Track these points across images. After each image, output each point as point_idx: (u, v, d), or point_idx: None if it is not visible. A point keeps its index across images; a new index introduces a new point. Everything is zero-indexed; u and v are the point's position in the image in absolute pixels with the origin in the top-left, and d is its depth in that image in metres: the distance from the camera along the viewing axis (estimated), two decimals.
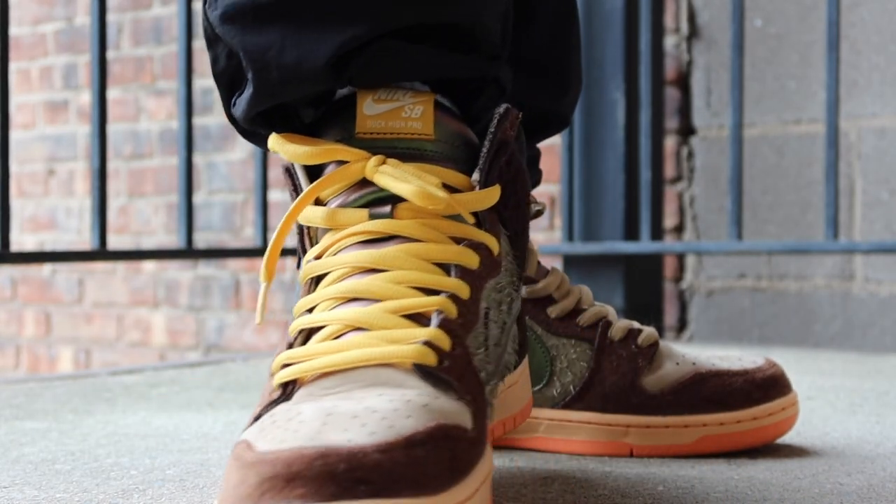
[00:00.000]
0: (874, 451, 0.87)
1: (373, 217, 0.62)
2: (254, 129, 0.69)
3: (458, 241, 0.63)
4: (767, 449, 0.87)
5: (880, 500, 0.69)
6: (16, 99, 3.22)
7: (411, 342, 0.57)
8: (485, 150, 0.65)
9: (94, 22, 1.52)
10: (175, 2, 2.80)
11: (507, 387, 0.71)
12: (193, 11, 1.69)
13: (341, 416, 0.51)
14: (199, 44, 2.83)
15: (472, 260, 0.62)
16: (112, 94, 2.96)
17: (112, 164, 2.99)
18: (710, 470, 0.80)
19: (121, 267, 3.06)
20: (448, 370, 0.57)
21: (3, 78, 1.37)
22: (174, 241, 2.83)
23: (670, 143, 2.15)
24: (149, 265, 3.01)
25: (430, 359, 0.56)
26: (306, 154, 0.63)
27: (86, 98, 3.09)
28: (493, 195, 0.64)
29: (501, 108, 0.66)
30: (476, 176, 0.64)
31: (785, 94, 2.03)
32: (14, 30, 3.23)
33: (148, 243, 3.00)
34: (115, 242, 2.98)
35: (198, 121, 2.78)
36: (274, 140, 0.64)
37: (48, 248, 3.18)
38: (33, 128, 3.24)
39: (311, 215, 0.64)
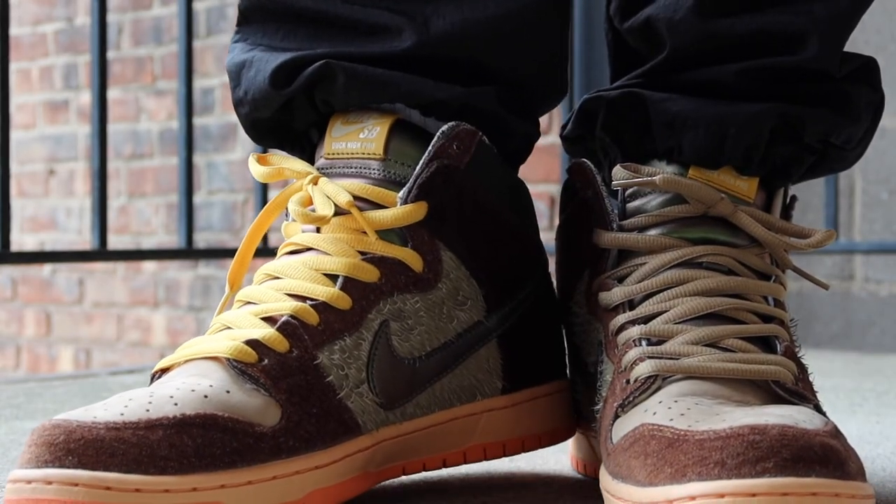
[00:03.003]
0: (874, 451, 0.87)
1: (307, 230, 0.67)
2: (266, 147, 0.73)
3: (364, 255, 0.65)
4: None
5: (880, 500, 0.69)
6: (16, 99, 3.22)
7: (239, 340, 0.60)
8: (418, 168, 0.66)
9: (94, 22, 1.52)
10: (175, 2, 2.80)
11: (484, 411, 0.69)
12: (193, 11, 1.69)
13: (124, 399, 0.56)
14: (199, 44, 2.84)
15: (367, 274, 0.64)
16: (112, 94, 2.96)
17: (112, 164, 2.99)
18: None
19: (121, 267, 3.07)
20: (264, 368, 0.59)
21: (3, 78, 1.37)
22: (174, 241, 2.83)
23: None
24: (149, 265, 3.01)
25: (247, 356, 0.59)
26: (260, 174, 0.68)
27: (86, 98, 3.09)
28: (410, 214, 0.65)
29: (446, 126, 0.66)
30: (401, 193, 0.65)
31: None
32: (14, 30, 3.23)
33: (148, 243, 3.01)
34: (115, 242, 2.98)
35: (198, 121, 2.78)
36: (250, 160, 0.68)
37: (48, 248, 3.18)
38: (33, 128, 3.24)
39: (285, 225, 0.69)
